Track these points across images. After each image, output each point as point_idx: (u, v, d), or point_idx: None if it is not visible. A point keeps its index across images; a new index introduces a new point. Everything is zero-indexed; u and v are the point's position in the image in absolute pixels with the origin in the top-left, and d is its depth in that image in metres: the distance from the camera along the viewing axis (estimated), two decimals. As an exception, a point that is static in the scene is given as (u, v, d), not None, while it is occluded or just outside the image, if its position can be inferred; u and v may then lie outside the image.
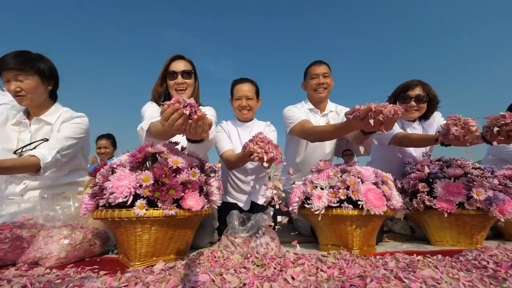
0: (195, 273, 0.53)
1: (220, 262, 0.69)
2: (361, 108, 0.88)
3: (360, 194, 0.95)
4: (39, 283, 0.54)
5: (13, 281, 0.53)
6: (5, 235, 0.78)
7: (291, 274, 0.56)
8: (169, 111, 0.73)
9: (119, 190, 0.75)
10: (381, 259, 0.74)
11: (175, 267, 0.65)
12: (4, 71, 1.11)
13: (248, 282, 0.49)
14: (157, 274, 0.57)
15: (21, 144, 1.21)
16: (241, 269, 0.61)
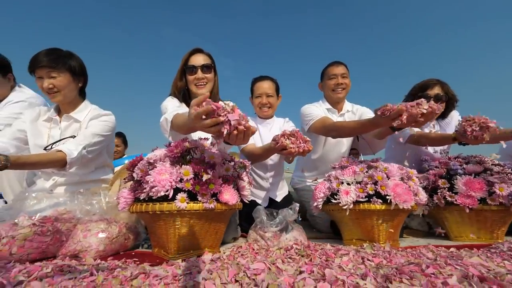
0: (249, 262, 0.55)
1: (262, 253, 0.71)
2: (394, 108, 0.89)
3: (388, 189, 0.98)
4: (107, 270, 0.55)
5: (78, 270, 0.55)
6: (47, 228, 0.80)
7: (339, 263, 0.58)
8: (201, 111, 0.69)
9: (161, 184, 0.76)
10: (415, 251, 0.76)
11: (221, 258, 0.66)
12: (38, 68, 1.13)
13: (306, 269, 0.50)
14: (211, 264, 0.58)
15: (51, 141, 1.22)
16: (288, 259, 0.63)
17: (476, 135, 1.06)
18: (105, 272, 0.53)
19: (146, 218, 0.85)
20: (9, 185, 1.26)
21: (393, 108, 0.90)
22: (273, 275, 0.45)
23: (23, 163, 0.91)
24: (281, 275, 0.49)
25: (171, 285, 0.44)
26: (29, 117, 1.23)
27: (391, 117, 0.91)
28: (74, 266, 0.60)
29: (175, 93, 1.37)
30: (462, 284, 0.40)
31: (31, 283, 0.45)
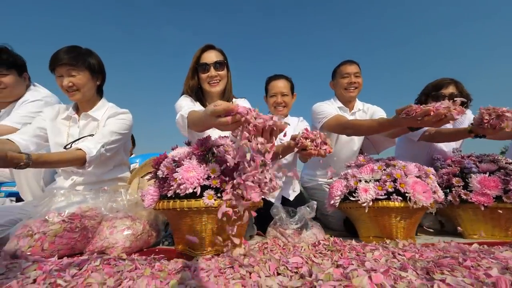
0: (294, 253, 0.56)
1: (289, 249, 0.72)
2: (419, 109, 0.91)
3: (408, 186, 0.99)
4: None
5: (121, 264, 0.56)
6: (76, 225, 0.81)
7: (372, 257, 0.59)
8: (219, 109, 0.69)
9: (189, 181, 0.77)
10: (439, 246, 0.77)
11: (251, 253, 0.67)
12: (58, 66, 1.13)
13: (343, 263, 0.52)
14: (246, 258, 0.59)
15: (70, 139, 1.22)
16: (319, 254, 0.64)
17: (493, 124, 1.06)
18: (145, 266, 0.55)
19: (171, 215, 0.87)
20: (27, 184, 1.26)
21: (418, 108, 0.91)
22: (317, 267, 0.46)
23: (44, 161, 0.91)
24: (323, 267, 0.50)
25: (220, 277, 0.45)
26: (49, 115, 1.23)
27: (416, 117, 0.92)
28: (119, 260, 0.61)
29: (188, 91, 1.35)
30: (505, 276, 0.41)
31: (91, 274, 0.46)
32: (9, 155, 0.74)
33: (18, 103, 1.39)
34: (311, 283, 0.40)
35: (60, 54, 1.12)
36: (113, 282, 0.42)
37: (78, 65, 1.14)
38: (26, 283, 0.43)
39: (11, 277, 0.49)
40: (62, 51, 1.13)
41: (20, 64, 1.37)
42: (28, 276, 0.47)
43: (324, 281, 0.39)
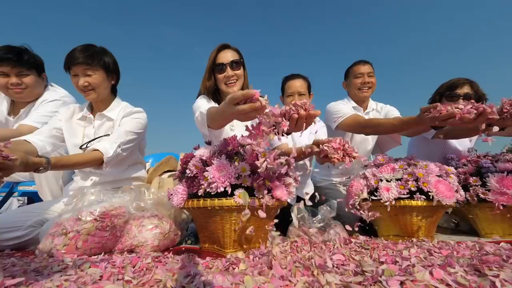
0: (333, 253, 0.57)
1: (320, 247, 0.73)
2: (444, 111, 0.91)
3: (430, 185, 1.00)
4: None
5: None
6: (107, 224, 0.82)
7: (408, 254, 0.60)
8: (238, 95, 0.67)
9: (220, 180, 0.78)
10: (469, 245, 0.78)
11: (287, 251, 0.68)
12: (74, 65, 1.12)
13: (385, 260, 0.52)
14: (284, 256, 0.60)
15: (86, 139, 1.22)
16: (353, 252, 0.65)
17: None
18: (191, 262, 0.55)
19: (200, 213, 0.87)
20: (47, 184, 1.27)
21: (444, 110, 0.91)
22: (367, 264, 0.47)
23: (62, 164, 0.92)
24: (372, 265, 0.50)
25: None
26: (64, 116, 1.24)
27: (441, 118, 0.92)
28: (168, 257, 0.62)
29: (205, 92, 1.34)
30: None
31: (156, 270, 0.47)
32: (30, 161, 0.74)
33: (37, 103, 1.40)
34: (374, 278, 0.40)
35: (75, 53, 1.12)
36: (183, 277, 0.42)
37: (93, 64, 1.13)
38: (91, 280, 0.43)
39: (49, 274, 0.49)
40: (78, 50, 1.13)
41: (40, 64, 1.38)
42: (86, 273, 0.47)
43: (387, 276, 0.40)
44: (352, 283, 0.39)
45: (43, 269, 0.52)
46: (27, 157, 0.73)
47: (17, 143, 1.00)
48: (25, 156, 0.72)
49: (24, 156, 0.71)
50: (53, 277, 0.46)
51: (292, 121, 0.72)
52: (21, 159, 0.68)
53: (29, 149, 1.00)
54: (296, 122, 0.73)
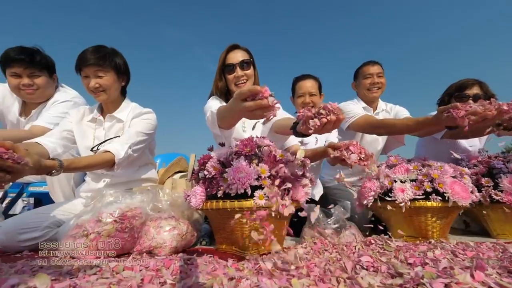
0: (359, 254, 0.57)
1: (342, 249, 0.73)
2: (465, 109, 0.91)
3: (446, 186, 1.00)
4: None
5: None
6: (126, 225, 0.82)
7: (434, 256, 0.60)
8: (244, 90, 0.67)
9: (240, 182, 0.78)
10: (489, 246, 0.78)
11: (310, 252, 0.68)
12: (85, 67, 1.12)
13: (414, 262, 0.52)
14: (309, 257, 0.60)
15: (96, 142, 1.22)
16: (377, 253, 0.65)
17: None
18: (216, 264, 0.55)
19: (219, 215, 0.87)
20: (59, 185, 1.27)
21: (465, 108, 0.91)
22: (400, 266, 0.47)
23: (74, 167, 0.92)
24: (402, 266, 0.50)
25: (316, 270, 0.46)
26: (75, 118, 1.23)
27: (461, 117, 0.92)
28: (194, 259, 0.62)
29: (217, 93, 1.35)
30: None
31: (191, 273, 0.47)
32: (43, 164, 0.74)
33: (48, 104, 1.40)
34: (415, 281, 0.40)
35: (87, 54, 1.12)
36: (227, 281, 0.42)
37: (105, 66, 1.13)
38: (136, 284, 0.43)
39: (84, 277, 0.49)
40: (89, 51, 1.13)
41: (51, 65, 1.38)
42: (120, 275, 0.47)
43: (429, 279, 0.40)
44: (393, 285, 0.39)
45: (76, 271, 0.52)
46: (40, 160, 0.72)
47: (29, 145, 1.00)
48: (38, 160, 0.71)
49: (37, 160, 0.71)
50: (92, 280, 0.46)
51: (320, 124, 0.71)
52: (34, 162, 0.68)
53: (40, 151, 1.00)
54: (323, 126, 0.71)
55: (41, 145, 1.03)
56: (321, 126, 0.70)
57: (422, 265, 0.51)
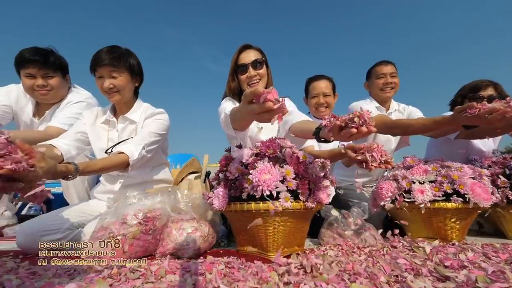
0: (391, 255, 0.57)
1: (368, 251, 0.73)
2: (483, 107, 0.91)
3: (467, 187, 1.00)
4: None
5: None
6: (150, 227, 0.82)
7: (467, 258, 0.60)
8: (248, 92, 0.63)
9: (266, 184, 0.78)
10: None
11: (339, 254, 0.68)
12: (99, 67, 1.11)
13: (451, 265, 0.52)
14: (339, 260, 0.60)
15: (110, 143, 1.21)
16: (407, 254, 0.65)
17: None
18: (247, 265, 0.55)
19: (242, 217, 0.87)
20: (74, 186, 1.27)
21: (483, 106, 0.91)
22: (443, 269, 0.47)
23: (89, 170, 0.91)
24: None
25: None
26: (88, 120, 1.23)
27: (480, 115, 0.91)
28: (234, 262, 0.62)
29: (230, 94, 1.34)
30: None
31: (235, 275, 0.47)
32: (58, 169, 0.73)
33: (62, 105, 1.39)
34: (468, 285, 0.40)
35: (101, 54, 1.11)
36: (282, 285, 0.42)
37: (119, 66, 1.13)
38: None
39: (128, 281, 0.48)
40: (103, 51, 1.13)
41: (64, 66, 1.38)
42: (166, 280, 0.47)
43: (483, 283, 0.40)
44: (448, 290, 0.39)
45: (117, 275, 0.52)
46: (55, 165, 0.70)
47: (43, 148, 1.00)
48: (54, 165, 0.69)
49: (53, 165, 0.69)
50: (138, 284, 0.46)
51: (348, 133, 0.67)
52: (49, 167, 0.65)
53: (54, 153, 1.00)
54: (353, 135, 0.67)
55: (55, 147, 1.02)
56: (348, 135, 0.67)
57: (461, 268, 0.50)
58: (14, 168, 0.52)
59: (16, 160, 0.54)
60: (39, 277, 0.52)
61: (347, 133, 0.67)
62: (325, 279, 0.43)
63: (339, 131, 0.69)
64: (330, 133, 0.72)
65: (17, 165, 0.53)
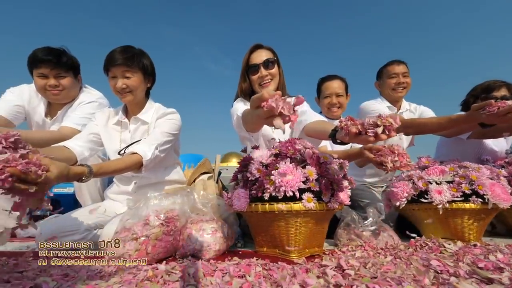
0: (421, 256, 0.56)
1: (391, 251, 0.72)
2: (502, 105, 0.90)
3: (486, 188, 0.99)
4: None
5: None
6: (171, 228, 0.81)
7: (497, 258, 0.59)
8: (254, 98, 0.62)
9: (289, 184, 0.77)
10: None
11: (364, 255, 0.67)
12: (113, 67, 1.11)
13: (485, 266, 0.52)
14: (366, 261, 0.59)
15: (123, 145, 1.21)
16: (435, 255, 0.64)
17: None
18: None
19: (264, 218, 0.86)
20: (87, 187, 1.26)
21: (502, 105, 0.90)
22: (482, 271, 0.46)
23: (103, 172, 0.90)
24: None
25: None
26: (101, 121, 1.22)
27: (499, 114, 0.91)
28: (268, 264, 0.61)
29: (242, 95, 1.33)
30: None
31: (273, 277, 0.46)
32: (71, 172, 0.72)
33: (74, 105, 1.39)
34: None
35: (115, 54, 1.11)
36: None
37: (133, 66, 1.12)
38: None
39: (168, 284, 0.48)
40: (117, 51, 1.12)
41: (76, 66, 1.37)
42: (212, 283, 0.46)
43: None
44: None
45: (153, 278, 0.51)
46: (68, 168, 0.69)
47: (56, 149, 1.00)
48: (66, 167, 0.68)
49: (65, 167, 0.68)
50: (179, 287, 0.45)
51: (367, 139, 0.65)
52: (61, 171, 0.64)
53: (68, 155, 0.99)
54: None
55: (69, 149, 1.02)
56: (366, 140, 0.65)
57: (497, 270, 0.50)
58: (25, 170, 0.53)
59: (28, 162, 0.54)
60: (72, 279, 0.52)
61: (365, 139, 0.65)
62: (368, 281, 0.43)
63: (356, 135, 0.68)
64: (347, 137, 0.70)
65: (28, 165, 0.54)
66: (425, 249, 0.75)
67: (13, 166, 0.52)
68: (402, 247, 0.79)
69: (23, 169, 0.53)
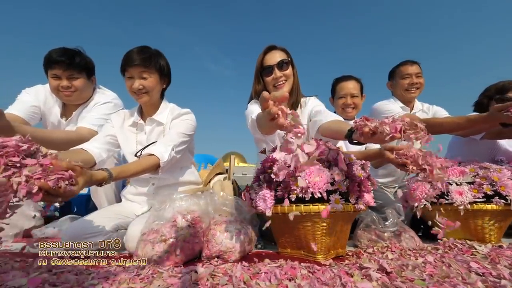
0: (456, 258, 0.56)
1: (417, 252, 0.72)
2: None
3: (508, 189, 0.99)
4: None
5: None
6: (197, 229, 0.81)
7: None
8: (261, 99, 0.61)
9: (317, 186, 0.77)
10: None
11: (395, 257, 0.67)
12: (130, 67, 1.10)
13: None
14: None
15: (139, 147, 1.20)
16: (468, 257, 0.64)
17: None
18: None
19: (286, 219, 0.85)
20: (103, 188, 1.26)
21: None
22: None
23: (122, 176, 0.91)
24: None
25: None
26: (116, 123, 1.22)
27: None
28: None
29: (256, 97, 1.32)
30: None
31: (314, 282, 0.46)
32: (93, 178, 0.73)
33: (89, 106, 1.38)
34: None
35: (132, 55, 1.10)
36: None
37: (150, 67, 1.12)
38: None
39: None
40: (134, 51, 1.12)
41: (90, 67, 1.36)
42: (256, 285, 0.46)
43: None
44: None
45: (200, 280, 0.51)
46: (91, 175, 0.72)
47: (75, 152, 1.00)
48: (89, 176, 0.71)
49: (88, 177, 0.70)
50: None
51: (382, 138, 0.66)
52: (85, 181, 0.67)
53: (86, 157, 1.00)
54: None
55: (87, 151, 1.02)
56: (381, 140, 0.66)
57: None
58: (56, 185, 0.54)
59: (60, 178, 0.56)
60: (113, 282, 0.51)
61: (379, 138, 0.65)
62: (424, 285, 0.43)
63: (371, 135, 0.68)
64: (362, 137, 0.70)
65: (59, 181, 0.55)
66: (454, 250, 0.75)
67: (39, 177, 0.53)
68: (429, 249, 0.79)
69: (54, 185, 0.55)
